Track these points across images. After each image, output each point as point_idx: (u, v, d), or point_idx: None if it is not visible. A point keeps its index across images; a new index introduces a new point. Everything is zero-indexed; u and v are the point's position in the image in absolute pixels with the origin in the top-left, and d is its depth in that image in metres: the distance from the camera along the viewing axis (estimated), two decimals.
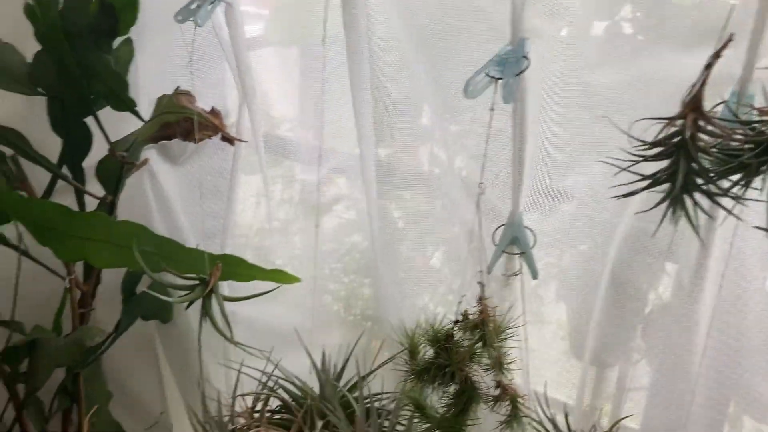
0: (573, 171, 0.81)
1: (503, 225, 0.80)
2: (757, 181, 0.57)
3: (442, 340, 0.79)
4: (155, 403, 1.44)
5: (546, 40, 0.77)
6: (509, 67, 0.70)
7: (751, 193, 0.57)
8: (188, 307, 1.03)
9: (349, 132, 1.03)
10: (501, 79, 0.70)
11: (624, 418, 0.78)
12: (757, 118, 0.57)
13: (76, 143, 1.10)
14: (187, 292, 1.00)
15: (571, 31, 0.77)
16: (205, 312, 1.02)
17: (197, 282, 1.01)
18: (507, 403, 0.80)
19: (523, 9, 0.71)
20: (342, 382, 1.09)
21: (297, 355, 1.10)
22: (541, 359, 0.95)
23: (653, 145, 0.57)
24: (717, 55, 0.55)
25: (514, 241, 0.79)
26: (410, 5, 0.82)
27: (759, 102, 0.61)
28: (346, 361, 1.07)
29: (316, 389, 1.03)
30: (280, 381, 1.08)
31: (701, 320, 0.74)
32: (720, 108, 0.64)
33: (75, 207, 1.14)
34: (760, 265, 0.73)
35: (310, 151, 1.09)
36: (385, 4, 0.83)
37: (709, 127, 0.55)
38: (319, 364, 1.08)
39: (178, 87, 1.05)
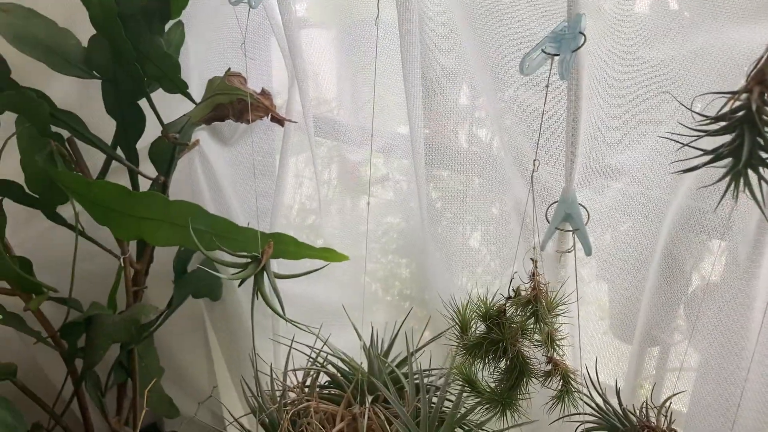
0: (626, 148, 0.80)
1: (556, 202, 0.80)
2: None
3: (495, 316, 0.80)
4: (204, 379, 1.48)
5: (602, 16, 0.76)
6: (566, 43, 0.70)
7: None
8: (241, 284, 1.06)
9: (392, 111, 1.04)
10: (557, 55, 0.70)
11: (676, 394, 0.78)
12: None
13: (130, 125, 1.13)
14: (241, 269, 1.03)
15: (627, 7, 0.76)
16: (258, 288, 1.05)
17: (250, 260, 1.04)
18: (558, 378, 0.81)
19: None
20: (390, 359, 1.11)
21: (344, 333, 1.13)
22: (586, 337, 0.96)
23: (716, 119, 0.57)
24: None
25: (567, 218, 0.79)
26: None
27: None
28: (394, 337, 1.10)
29: (365, 366, 1.06)
30: (330, 357, 1.10)
31: (758, 296, 0.73)
32: None
33: (129, 188, 1.18)
34: None
35: (357, 131, 1.10)
36: None
37: None
38: (367, 341, 1.11)
39: (229, 68, 1.07)
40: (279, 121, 1.06)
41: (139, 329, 1.20)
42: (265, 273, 1.03)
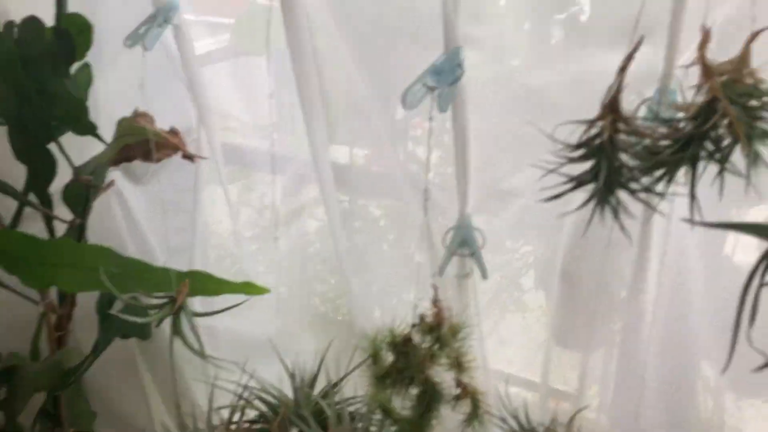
0: (518, 171, 0.83)
1: (452, 228, 0.81)
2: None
3: (400, 344, 0.81)
4: (142, 421, 1.45)
5: (481, 46, 0.78)
6: (444, 76, 0.72)
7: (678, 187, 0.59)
8: (158, 325, 1.04)
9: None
10: (436, 88, 0.72)
11: (581, 410, 0.80)
12: (676, 115, 0.59)
13: (41, 169, 1.11)
14: (157, 310, 1.02)
15: (506, 36, 0.78)
16: (176, 329, 1.04)
17: (166, 300, 1.03)
18: (467, 401, 0.83)
19: (456, 17, 0.73)
20: (319, 387, 1.11)
21: (276, 365, 1.12)
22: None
23: (576, 147, 0.59)
24: (630, 57, 0.56)
25: (464, 243, 0.81)
26: (349, 17, 0.84)
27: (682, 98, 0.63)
28: (319, 366, 1.10)
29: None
30: (258, 392, 1.10)
31: (647, 311, 0.76)
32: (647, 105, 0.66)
33: (44, 232, 1.16)
34: (699, 253, 0.75)
35: (278, 159, 1.11)
36: (324, 16, 0.85)
37: (627, 128, 0.57)
38: (296, 372, 1.10)
39: (136, 108, 1.06)
40: (189, 157, 1.06)
41: (63, 375, 1.18)
42: (182, 313, 1.03)
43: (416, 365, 0.79)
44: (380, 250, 1.01)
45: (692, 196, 0.59)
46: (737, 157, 0.59)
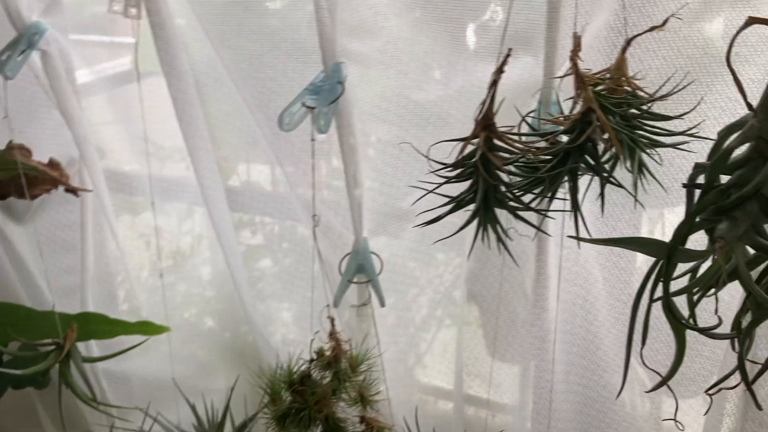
0: (414, 190, 0.79)
1: (348, 254, 0.77)
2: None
3: (296, 383, 0.75)
4: None
5: (366, 63, 0.75)
6: (324, 95, 0.67)
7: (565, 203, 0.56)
8: (44, 375, 0.96)
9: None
10: (315, 108, 0.67)
11: None
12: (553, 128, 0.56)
13: None
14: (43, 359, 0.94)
15: (390, 53, 0.75)
16: (63, 378, 0.96)
17: (53, 347, 0.95)
18: None
19: (334, 33, 0.69)
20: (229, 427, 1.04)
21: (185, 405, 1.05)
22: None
23: (453, 166, 0.55)
24: (499, 70, 0.53)
25: (361, 269, 0.76)
26: (223, 37, 0.79)
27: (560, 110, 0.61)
28: (226, 407, 1.03)
29: None
30: None
31: (551, 329, 0.73)
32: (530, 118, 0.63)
33: None
34: (600, 264, 0.73)
35: (171, 185, 1.05)
36: (198, 32, 0.79)
37: (502, 144, 0.54)
38: (202, 413, 1.04)
39: (10, 141, 0.98)
40: (72, 191, 0.98)
41: None
42: (70, 359, 0.95)
43: (314, 405, 0.74)
44: (280, 278, 0.96)
45: (575, 212, 0.56)
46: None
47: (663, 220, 0.77)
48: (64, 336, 0.94)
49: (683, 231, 0.49)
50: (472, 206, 0.56)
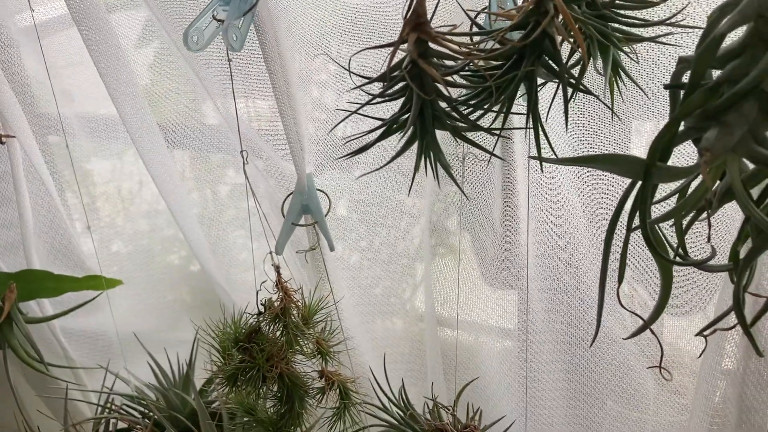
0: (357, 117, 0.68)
1: (290, 194, 0.67)
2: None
3: (243, 339, 0.67)
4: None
5: None
6: (234, 4, 0.56)
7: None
8: None
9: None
10: (222, 21, 0.56)
11: (466, 385, 0.69)
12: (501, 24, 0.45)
13: None
14: None
15: None
16: (6, 341, 0.89)
17: None
18: (336, 392, 0.70)
19: None
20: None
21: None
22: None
23: (378, 80, 0.45)
24: None
25: (306, 210, 0.67)
26: None
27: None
28: (190, 363, 0.96)
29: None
30: (126, 397, 0.97)
31: (523, 262, 0.64)
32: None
33: None
34: (575, 191, 0.63)
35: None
36: None
37: (437, 48, 0.43)
38: (167, 367, 0.98)
39: None
40: None
41: None
42: (12, 320, 0.88)
43: (265, 362, 0.66)
44: (223, 227, 0.86)
45: (536, 127, 0.46)
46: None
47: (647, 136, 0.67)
48: (2, 296, 0.87)
49: (662, 143, 0.39)
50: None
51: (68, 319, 1.02)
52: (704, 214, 0.43)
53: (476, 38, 0.46)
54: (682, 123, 0.40)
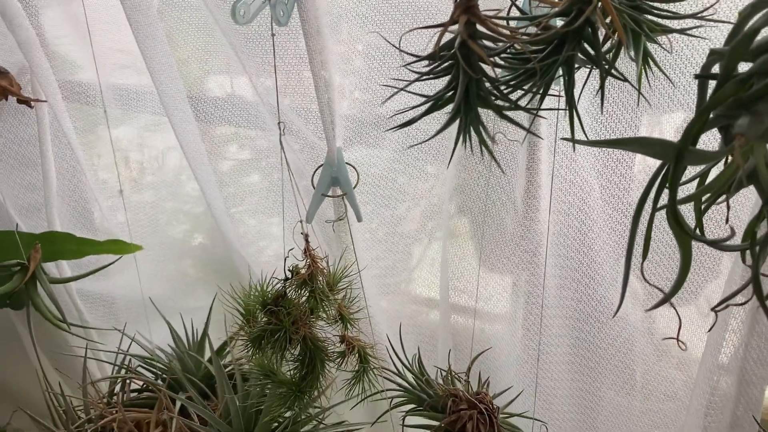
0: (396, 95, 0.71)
1: (320, 166, 0.70)
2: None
3: (270, 303, 0.70)
4: (36, 392, 1.34)
5: None
6: None
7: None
8: (9, 298, 0.92)
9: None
10: None
11: (478, 356, 0.72)
12: (546, 10, 0.48)
13: None
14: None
15: None
16: (30, 299, 0.91)
17: (18, 268, 0.90)
18: (354, 357, 0.74)
19: None
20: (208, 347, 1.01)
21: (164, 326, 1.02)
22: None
23: (428, 58, 0.48)
24: None
25: (335, 182, 0.70)
26: None
27: None
28: (206, 327, 0.99)
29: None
30: (142, 359, 1.00)
31: (542, 240, 0.67)
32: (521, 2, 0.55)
33: None
34: (594, 174, 0.66)
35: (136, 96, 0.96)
36: None
37: (486, 31, 0.46)
38: (182, 332, 1.01)
39: None
40: (25, 102, 0.90)
41: None
42: (36, 280, 0.90)
43: (290, 325, 0.69)
44: (251, 193, 0.89)
45: (571, 109, 0.49)
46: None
47: (661, 126, 0.70)
48: (27, 256, 0.89)
49: (695, 128, 0.42)
50: (451, 106, 0.49)
51: (85, 282, 1.05)
52: (722, 197, 0.46)
53: (520, 23, 0.49)
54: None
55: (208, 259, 1.09)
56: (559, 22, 0.48)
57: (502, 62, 0.48)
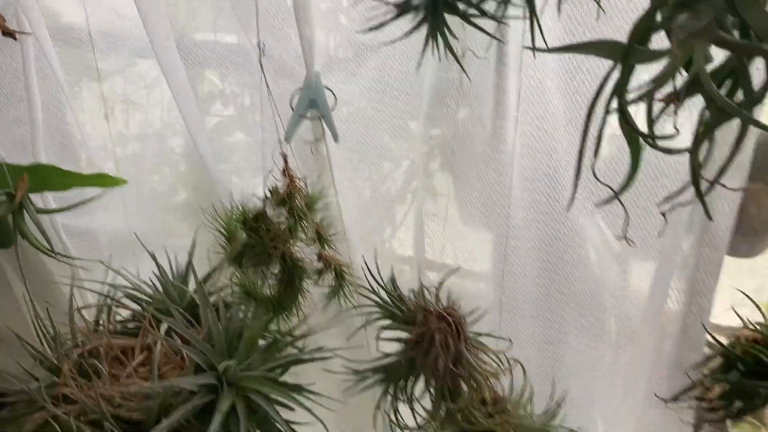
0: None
1: (300, 88, 0.73)
2: None
3: (251, 221, 0.74)
4: (18, 329, 1.37)
5: None
6: None
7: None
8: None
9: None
10: None
11: (453, 271, 0.76)
12: None
13: None
14: None
15: None
16: (18, 229, 0.94)
17: (4, 198, 0.93)
18: (332, 274, 0.78)
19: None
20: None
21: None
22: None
23: None
24: None
25: (313, 105, 0.73)
26: None
27: None
28: (189, 259, 1.03)
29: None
30: (130, 291, 1.03)
31: (509, 160, 0.71)
32: None
33: None
34: (559, 95, 0.69)
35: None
36: None
37: None
38: (167, 267, 1.04)
39: None
40: (9, 34, 0.91)
41: None
42: (24, 211, 0.93)
43: (270, 241, 0.73)
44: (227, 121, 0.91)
45: (532, 18, 0.52)
46: None
47: None
48: (15, 186, 0.91)
49: (641, 28, 0.46)
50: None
51: (71, 217, 1.07)
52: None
53: None
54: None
55: (194, 194, 1.11)
56: None
57: None
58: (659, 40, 0.46)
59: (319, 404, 0.73)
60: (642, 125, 0.50)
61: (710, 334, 0.67)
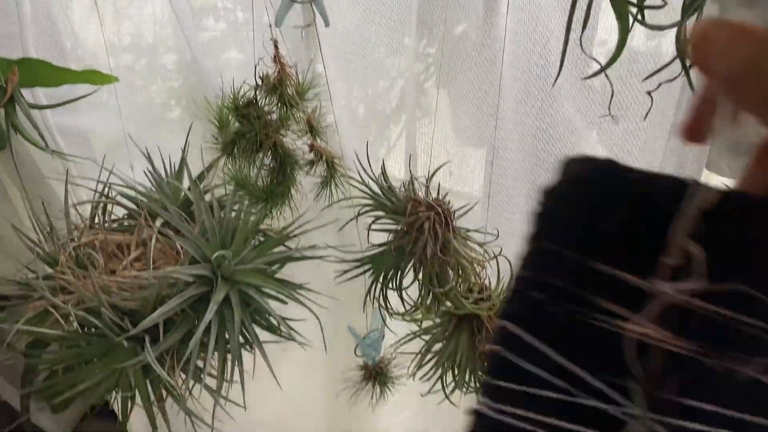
0: None
1: None
2: None
3: (242, 108, 0.74)
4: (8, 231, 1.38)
5: None
6: None
7: None
8: None
9: None
10: None
11: (441, 166, 0.77)
12: None
13: None
14: None
15: None
16: (10, 122, 0.94)
17: None
18: (323, 165, 0.78)
19: None
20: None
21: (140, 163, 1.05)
22: None
23: None
24: None
25: None
26: None
27: None
28: (182, 159, 1.03)
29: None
30: (124, 189, 1.04)
31: (500, 46, 0.70)
32: None
33: None
34: None
35: None
36: None
37: None
38: (160, 166, 1.04)
39: None
40: None
41: None
42: (16, 105, 0.93)
43: (261, 129, 0.73)
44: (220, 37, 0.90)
45: None
46: None
47: None
48: (5, 79, 0.91)
49: None
50: None
51: (63, 116, 1.07)
52: None
53: None
54: None
55: (187, 93, 1.11)
56: None
57: None
58: None
59: (311, 301, 0.75)
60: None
61: None
